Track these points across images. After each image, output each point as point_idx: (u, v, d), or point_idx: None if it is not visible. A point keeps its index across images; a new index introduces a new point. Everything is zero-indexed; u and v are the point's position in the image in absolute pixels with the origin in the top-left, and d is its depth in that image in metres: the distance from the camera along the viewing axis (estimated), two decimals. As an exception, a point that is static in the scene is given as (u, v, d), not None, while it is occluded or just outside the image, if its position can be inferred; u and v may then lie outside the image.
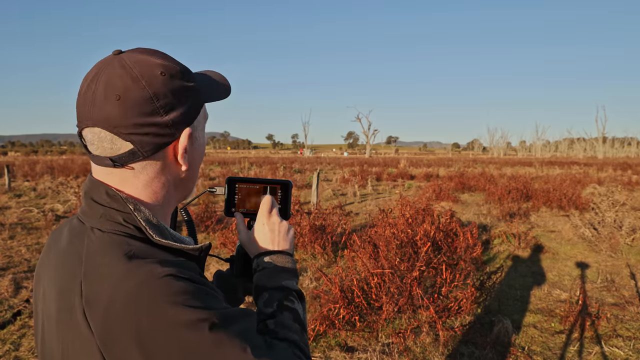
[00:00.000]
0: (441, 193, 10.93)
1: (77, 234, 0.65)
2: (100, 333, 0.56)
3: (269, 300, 0.74)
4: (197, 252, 0.68)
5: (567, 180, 14.49)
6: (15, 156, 51.09)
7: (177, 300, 0.56)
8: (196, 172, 0.74)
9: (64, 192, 11.71)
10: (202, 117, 0.71)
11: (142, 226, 0.64)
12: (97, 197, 0.65)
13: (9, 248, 5.90)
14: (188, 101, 0.66)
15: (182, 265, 0.62)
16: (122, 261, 0.59)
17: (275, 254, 0.80)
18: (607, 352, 3.15)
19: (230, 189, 0.89)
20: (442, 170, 22.93)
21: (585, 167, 25.79)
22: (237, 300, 1.00)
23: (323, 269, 5.04)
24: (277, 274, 0.77)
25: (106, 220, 0.64)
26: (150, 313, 0.55)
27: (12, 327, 3.47)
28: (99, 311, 0.56)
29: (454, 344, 3.21)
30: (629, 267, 5.25)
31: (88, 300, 0.57)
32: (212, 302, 0.59)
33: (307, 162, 33.45)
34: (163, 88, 0.63)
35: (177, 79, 0.65)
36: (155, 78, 0.62)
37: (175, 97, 0.64)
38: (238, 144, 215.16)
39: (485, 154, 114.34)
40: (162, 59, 0.65)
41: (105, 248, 0.61)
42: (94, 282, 0.58)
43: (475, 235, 4.61)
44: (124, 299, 0.55)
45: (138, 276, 0.57)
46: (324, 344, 3.20)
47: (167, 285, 0.56)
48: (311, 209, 7.14)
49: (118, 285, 0.56)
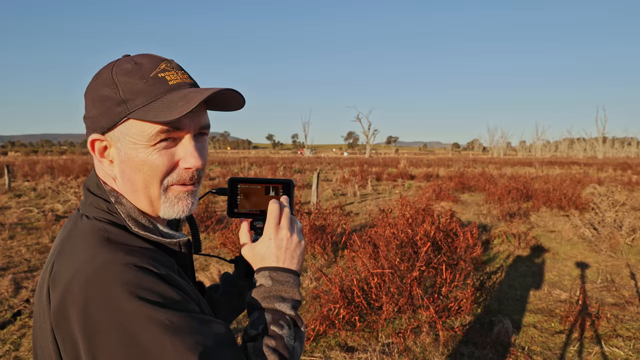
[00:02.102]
0: (441, 193, 10.93)
1: (71, 220, 0.72)
2: (55, 311, 0.58)
3: (256, 321, 0.70)
4: (176, 246, 0.70)
5: (567, 180, 14.49)
6: (15, 156, 51.08)
7: (133, 290, 0.55)
8: (142, 175, 0.68)
9: (64, 192, 11.71)
10: (125, 129, 0.67)
11: (122, 217, 0.68)
12: (91, 187, 0.72)
13: (9, 248, 5.90)
14: (101, 109, 0.68)
15: (155, 259, 0.63)
16: (93, 244, 0.62)
17: (276, 271, 0.75)
18: (607, 352, 3.15)
19: (232, 189, 0.89)
20: (442, 170, 22.93)
21: (585, 167, 25.79)
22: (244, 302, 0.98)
23: (323, 269, 5.04)
24: (272, 294, 0.72)
25: (93, 208, 0.69)
26: (102, 296, 0.55)
27: (12, 327, 3.47)
28: (59, 290, 0.58)
29: (454, 344, 3.21)
30: (629, 267, 5.25)
31: (53, 279, 0.60)
32: (173, 303, 0.57)
33: (307, 162, 33.45)
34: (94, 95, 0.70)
35: (103, 89, 0.68)
36: (92, 87, 0.71)
37: (93, 103, 0.69)
38: (238, 144, 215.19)
39: (485, 154, 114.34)
40: (108, 73, 0.68)
41: (84, 232, 0.65)
42: (62, 262, 0.61)
43: (475, 235, 4.61)
44: (81, 279, 0.57)
45: (101, 259, 0.58)
46: (324, 344, 3.20)
47: (127, 273, 0.57)
48: (311, 209, 7.14)
49: (81, 267, 0.58)
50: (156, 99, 0.65)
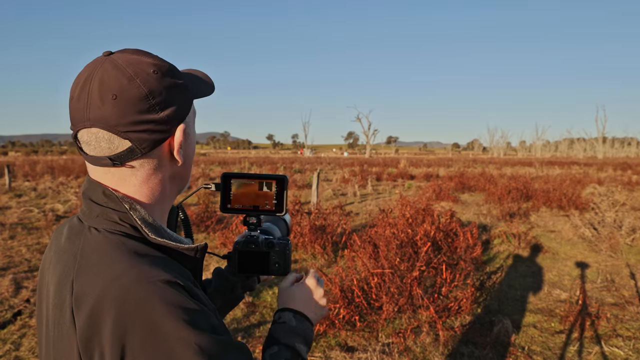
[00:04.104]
0: (441, 193, 10.93)
1: (75, 232, 0.66)
2: (83, 331, 0.56)
3: (277, 354, 0.75)
4: (192, 252, 0.68)
5: (567, 180, 14.49)
6: (15, 156, 51.09)
7: (169, 310, 0.55)
8: (190, 168, 0.75)
9: (64, 192, 11.72)
10: (192, 113, 0.72)
11: (138, 224, 0.64)
12: (95, 197, 0.66)
13: (10, 248, 5.90)
14: (180, 98, 0.68)
15: (177, 271, 0.62)
16: (116, 260, 0.59)
17: (301, 316, 0.83)
18: (607, 352, 3.15)
19: (226, 185, 0.88)
20: (442, 170, 22.93)
21: (585, 167, 25.78)
22: (236, 297, 1.00)
23: (323, 269, 5.04)
24: (293, 334, 0.79)
25: (103, 220, 0.65)
26: (138, 316, 0.54)
27: (12, 327, 3.47)
28: (87, 309, 0.56)
29: (454, 344, 3.21)
30: (629, 267, 5.25)
31: (77, 298, 0.57)
32: (201, 320, 0.58)
33: (307, 162, 33.45)
34: (157, 86, 0.64)
35: (169, 76, 0.66)
36: (149, 76, 0.63)
37: (168, 94, 0.65)
38: (238, 144, 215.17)
39: (485, 154, 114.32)
40: (152, 58, 0.66)
41: (101, 247, 0.61)
42: (85, 280, 0.58)
43: (475, 235, 4.62)
44: (113, 297, 0.55)
45: (131, 276, 0.56)
46: (324, 343, 3.20)
47: (160, 290, 0.56)
48: (311, 209, 7.14)
49: (109, 284, 0.56)
50: (194, 78, 0.74)
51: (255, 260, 0.91)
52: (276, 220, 1.07)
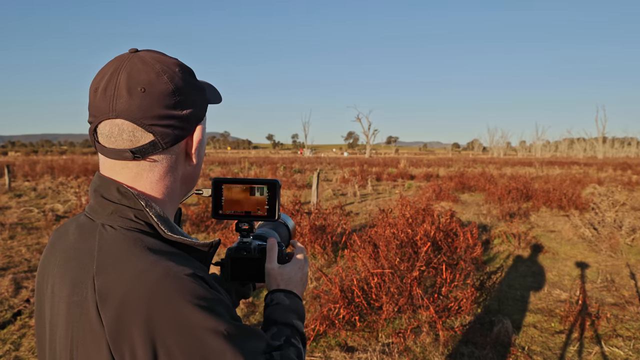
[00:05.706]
0: (441, 193, 10.93)
1: (87, 230, 0.66)
2: (112, 327, 0.56)
3: (277, 334, 0.77)
4: (206, 247, 0.70)
5: (567, 180, 14.49)
6: (15, 156, 51.08)
7: (196, 302, 0.57)
8: (200, 171, 0.77)
9: (64, 192, 11.72)
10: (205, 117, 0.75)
11: (154, 222, 0.65)
12: (108, 194, 0.66)
13: (9, 248, 5.90)
14: (199, 99, 0.71)
15: (197, 265, 0.65)
16: (139, 256, 0.60)
17: (291, 295, 0.86)
18: (607, 352, 3.15)
19: (217, 190, 0.86)
20: (442, 170, 22.94)
21: (585, 167, 25.79)
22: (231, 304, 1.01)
23: (323, 269, 5.04)
24: (289, 312, 0.82)
25: (117, 217, 0.65)
26: (169, 309, 0.56)
27: (12, 327, 3.47)
28: (114, 305, 0.56)
29: (454, 344, 3.21)
30: (629, 267, 5.25)
31: (102, 294, 0.58)
32: (223, 310, 0.61)
33: (307, 162, 33.45)
34: (182, 84, 0.67)
35: (191, 77, 0.70)
36: (175, 74, 0.66)
37: (191, 94, 0.68)
38: (238, 144, 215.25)
39: (485, 154, 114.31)
40: (175, 59, 0.70)
41: (119, 244, 0.62)
42: (109, 276, 0.59)
43: (475, 235, 4.61)
44: (141, 293, 0.56)
45: (157, 272, 0.58)
46: (324, 343, 3.20)
47: (186, 284, 0.58)
48: (311, 209, 7.14)
49: (136, 280, 0.57)
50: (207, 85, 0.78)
51: (247, 267, 0.89)
52: (277, 225, 1.05)
